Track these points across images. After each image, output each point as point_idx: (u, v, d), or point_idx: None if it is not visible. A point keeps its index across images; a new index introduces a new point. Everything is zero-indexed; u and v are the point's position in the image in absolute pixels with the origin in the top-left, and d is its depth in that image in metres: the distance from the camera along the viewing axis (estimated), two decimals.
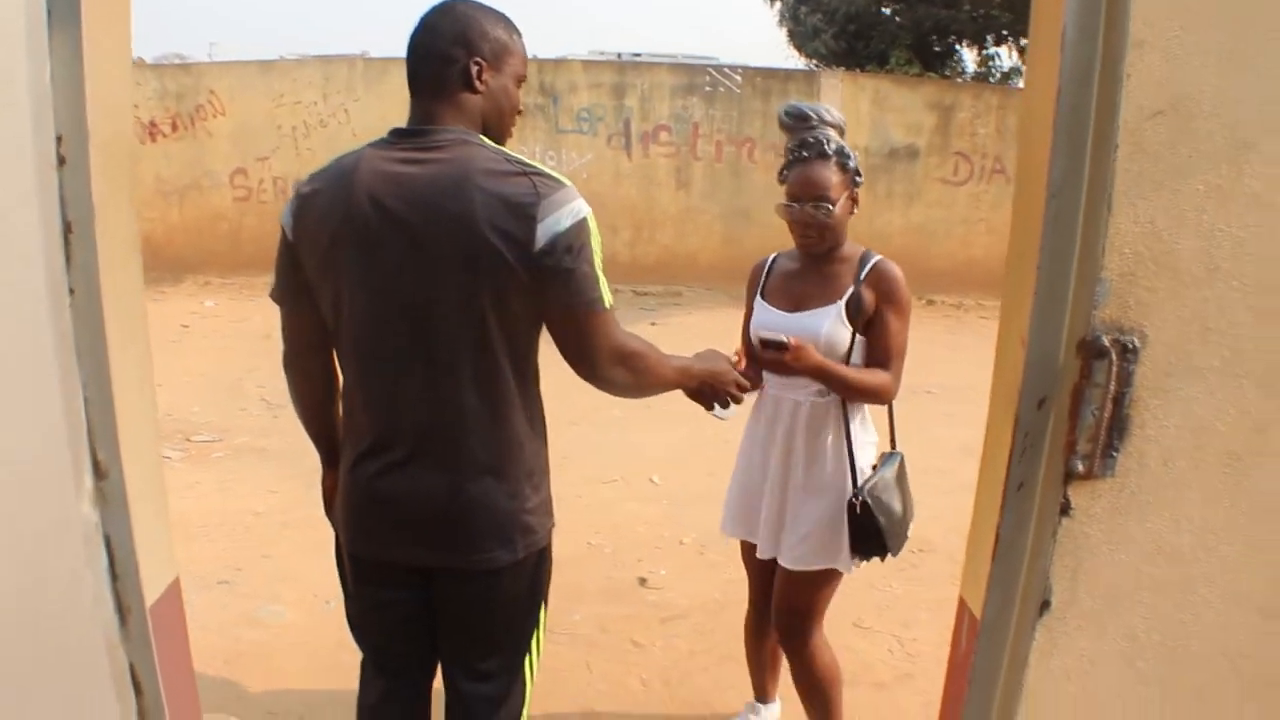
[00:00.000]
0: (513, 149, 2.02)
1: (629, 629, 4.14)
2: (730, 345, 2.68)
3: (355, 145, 2.07)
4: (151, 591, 1.24)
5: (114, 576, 1.19)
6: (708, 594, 4.39)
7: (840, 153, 2.71)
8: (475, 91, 2.01)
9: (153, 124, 11.13)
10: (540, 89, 11.32)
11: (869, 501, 2.70)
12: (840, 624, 4.15)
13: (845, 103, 11.19)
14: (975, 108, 11.28)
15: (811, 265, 2.84)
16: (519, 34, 2.11)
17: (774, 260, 3.03)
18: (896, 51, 16.60)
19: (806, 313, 2.78)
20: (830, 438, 2.81)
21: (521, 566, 2.11)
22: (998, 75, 18.81)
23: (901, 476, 2.89)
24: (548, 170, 1.95)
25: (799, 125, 2.76)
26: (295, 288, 2.09)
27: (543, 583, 2.21)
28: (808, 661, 2.99)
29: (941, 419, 7.08)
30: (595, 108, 11.31)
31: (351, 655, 2.44)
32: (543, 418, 2.14)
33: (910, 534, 2.92)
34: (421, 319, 1.95)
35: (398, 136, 2.00)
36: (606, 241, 1.99)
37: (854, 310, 2.71)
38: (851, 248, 2.80)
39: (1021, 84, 13.04)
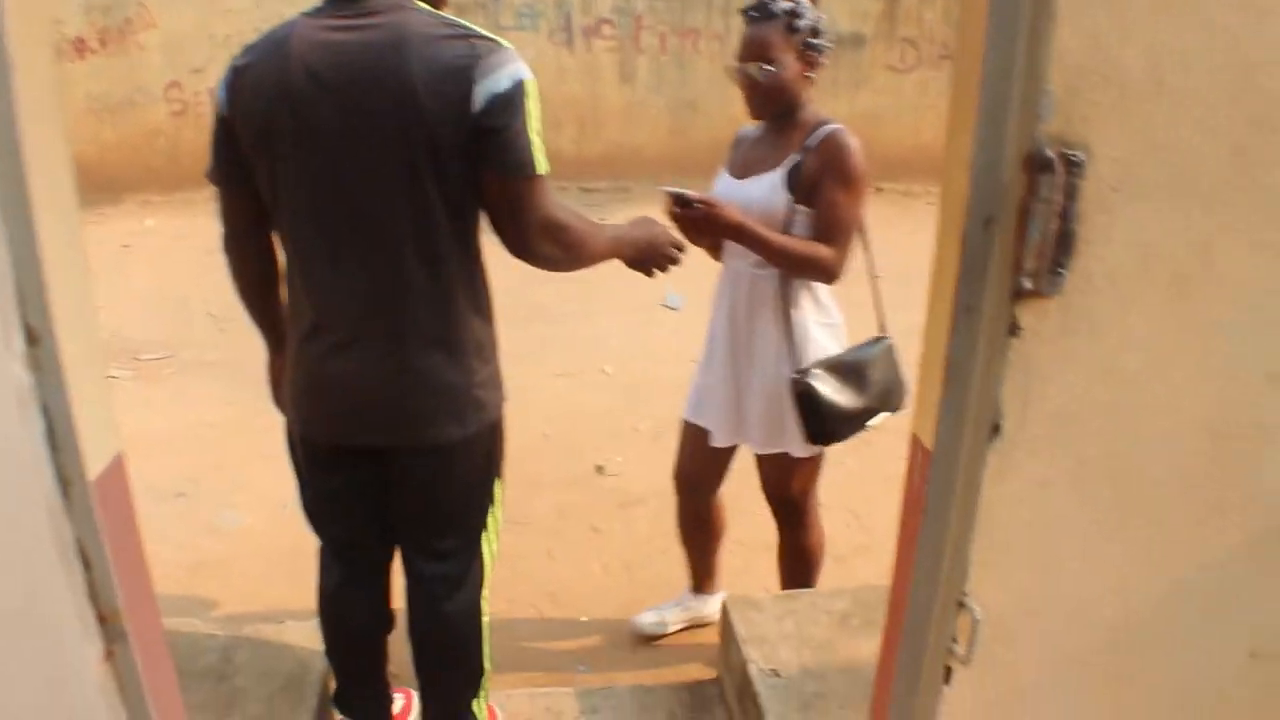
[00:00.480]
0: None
1: (588, 516, 4.18)
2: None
3: None
4: (94, 465, 1.21)
5: (53, 447, 1.16)
6: (664, 480, 4.36)
7: (790, 14, 2.60)
8: None
9: (80, 40, 10.69)
10: None
11: (805, 383, 2.62)
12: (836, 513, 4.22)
13: None
14: None
15: (768, 132, 2.77)
16: None
17: (746, 130, 2.94)
18: None
19: (750, 179, 2.71)
20: (769, 313, 2.73)
21: (473, 441, 2.09)
22: None
23: (877, 361, 2.79)
24: (487, 33, 1.90)
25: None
26: (232, 166, 2.03)
27: (496, 458, 2.20)
28: (801, 543, 3.03)
29: (894, 303, 7.11)
30: (536, 3, 10.99)
31: (309, 557, 2.44)
32: (488, 294, 2.10)
33: (905, 408, 2.81)
34: (361, 190, 1.90)
35: (332, 4, 1.93)
36: (551, 139, 1.95)
37: (794, 178, 2.62)
38: (811, 115, 2.70)
39: None
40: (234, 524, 4.19)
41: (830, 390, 2.64)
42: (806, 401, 2.62)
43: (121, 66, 10.81)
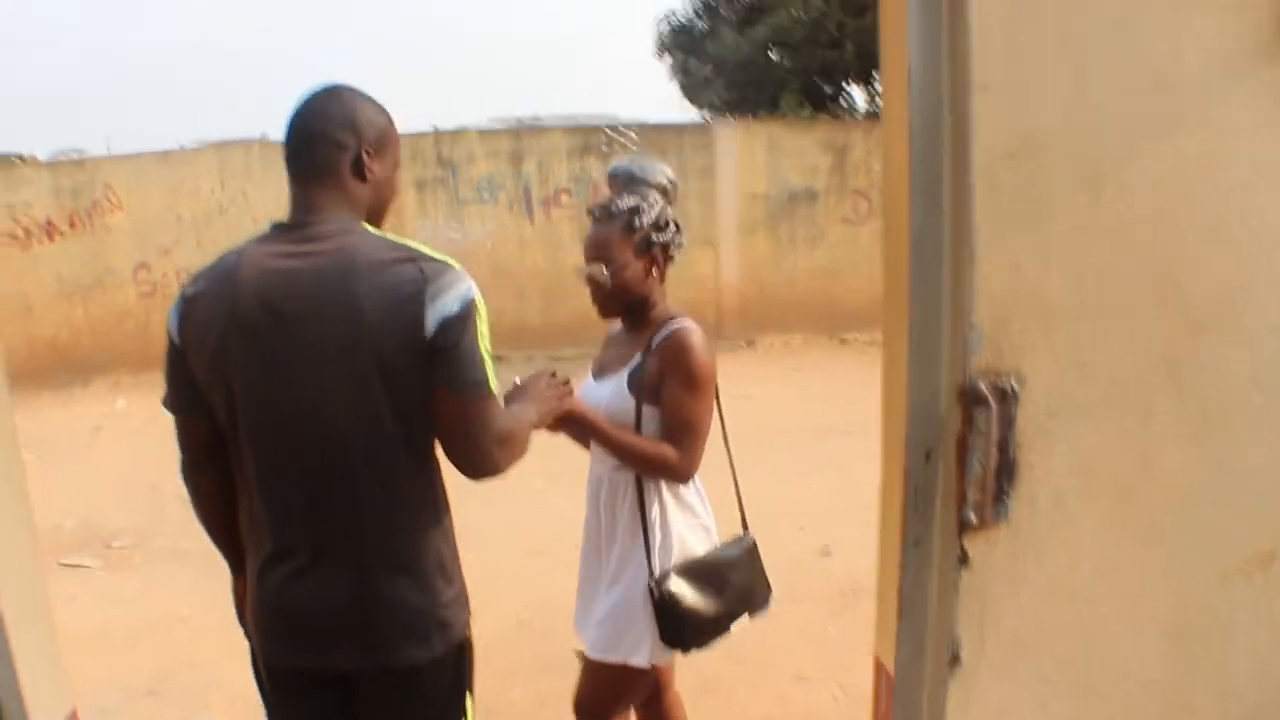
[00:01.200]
0: (416, 223, 2.00)
1: (568, 703, 4.07)
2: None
3: (258, 229, 2.05)
4: None
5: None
6: None
7: (631, 211, 2.57)
8: (364, 180, 1.99)
9: (49, 223, 10.81)
10: (438, 161, 11.31)
11: (664, 589, 2.51)
12: (779, 677, 4.14)
13: (741, 150, 11.35)
14: (869, 144, 11.47)
15: (625, 331, 2.76)
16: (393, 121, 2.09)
17: (613, 329, 2.89)
18: (787, 96, 16.84)
19: (602, 380, 2.71)
20: (626, 515, 2.63)
21: (441, 663, 2.05)
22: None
23: (738, 562, 2.70)
24: (432, 253, 1.92)
25: (622, 186, 2.66)
26: (187, 394, 2.02)
27: (465, 676, 2.16)
28: None
29: (861, 456, 7.03)
30: (495, 176, 11.31)
31: None
32: (447, 504, 2.09)
33: (768, 609, 2.81)
34: (314, 416, 1.90)
35: (279, 230, 1.95)
36: (516, 310, 1.98)
37: (635, 380, 2.58)
38: (661, 313, 2.66)
39: None
40: None
41: (690, 595, 2.54)
42: (664, 609, 2.52)
43: (90, 249, 10.93)
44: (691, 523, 2.66)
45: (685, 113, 19.80)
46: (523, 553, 5.72)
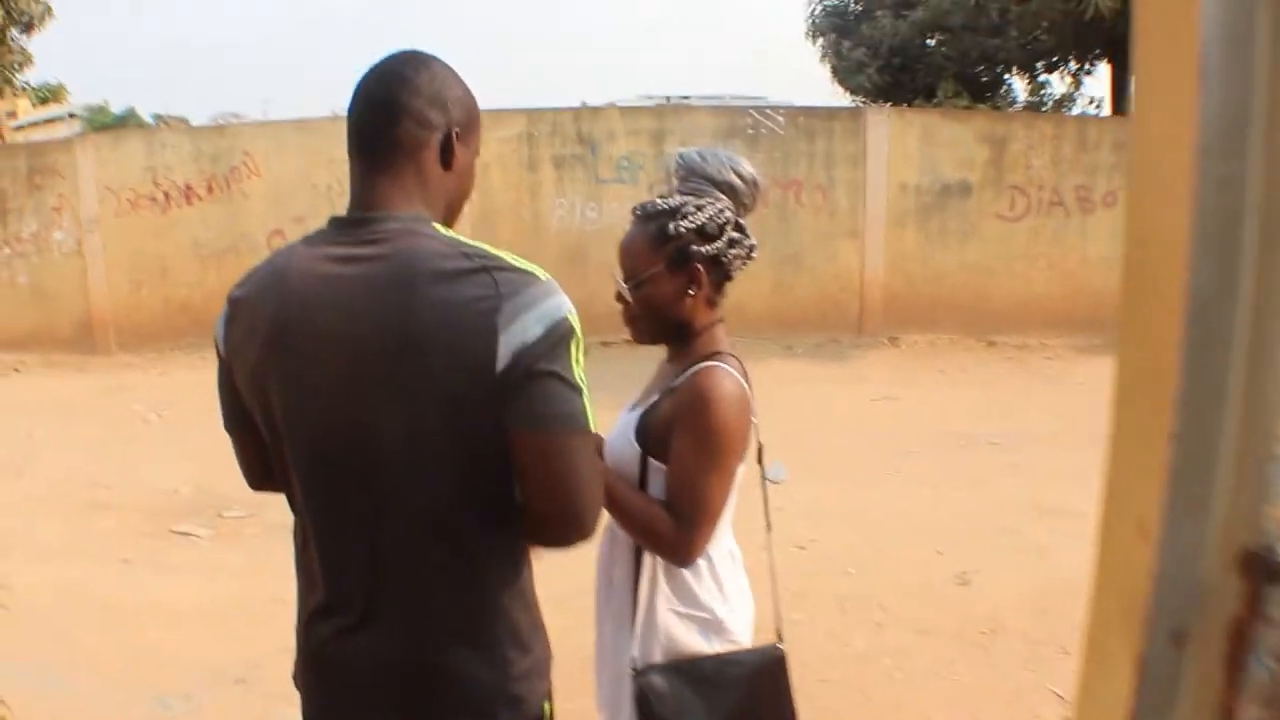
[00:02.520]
0: (554, 201, 1.63)
1: None
2: (775, 396, 2.24)
3: None
4: None
5: None
6: None
7: (669, 214, 2.08)
8: (449, 168, 1.65)
9: (188, 187, 11.01)
10: (578, 138, 11.07)
11: (642, 682, 2.06)
12: None
13: (893, 138, 10.81)
14: (1029, 138, 10.83)
15: (669, 356, 2.24)
16: None
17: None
18: (944, 83, 16.22)
19: (626, 412, 2.22)
20: (619, 581, 2.18)
21: None
22: (1050, 103, 18.35)
23: (747, 679, 2.13)
24: (514, 260, 1.56)
25: (685, 179, 2.15)
26: (237, 411, 1.73)
27: None
28: None
29: (1006, 471, 6.63)
30: (635, 155, 11.02)
31: None
32: (527, 563, 1.76)
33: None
34: (364, 454, 1.58)
35: (336, 227, 1.62)
36: None
37: (644, 426, 2.10)
38: (703, 345, 2.14)
39: (1077, 110, 12.43)
40: None
41: (670, 701, 2.06)
42: (642, 707, 2.07)
43: (227, 214, 11.09)
44: (687, 612, 2.12)
45: (836, 97, 19.27)
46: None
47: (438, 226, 1.61)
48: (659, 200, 2.11)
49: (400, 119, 1.59)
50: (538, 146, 11.04)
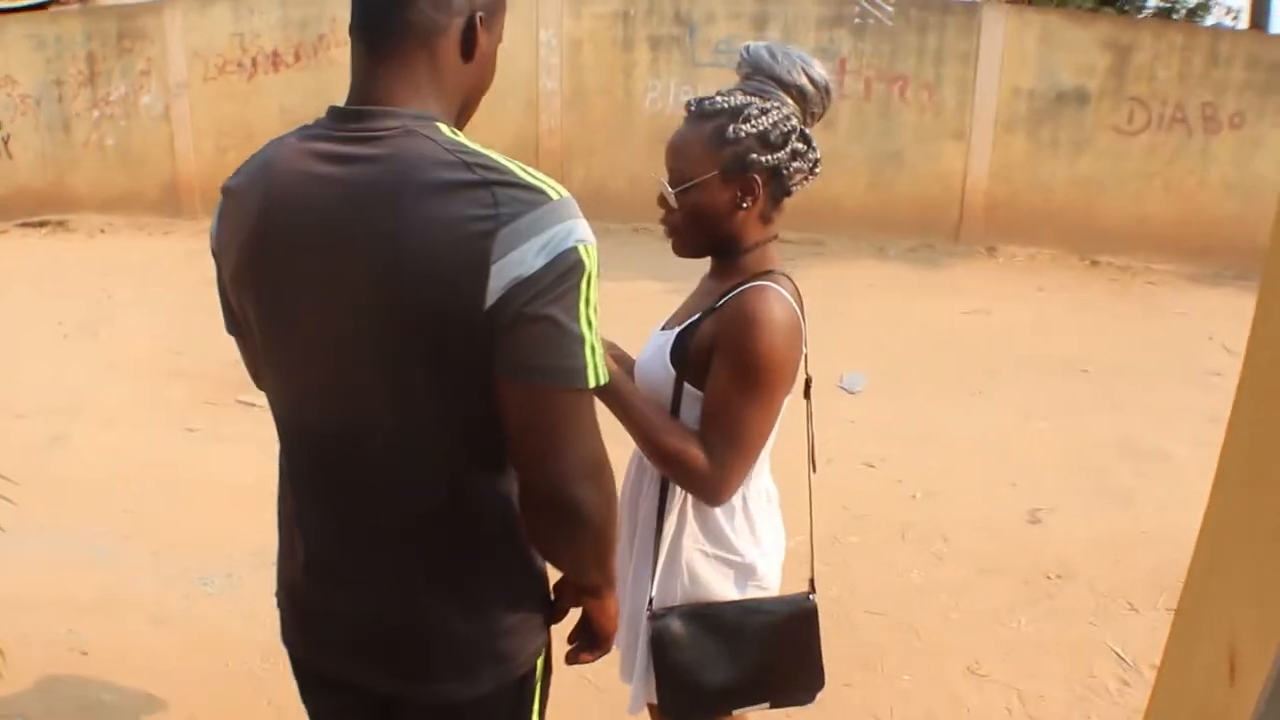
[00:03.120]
0: (648, 82, 1.37)
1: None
2: (862, 301, 1.99)
3: None
4: None
5: None
6: None
7: (731, 115, 1.85)
8: (470, 58, 1.42)
9: (275, 54, 10.91)
10: (675, 19, 10.63)
11: (659, 627, 1.94)
12: (951, 668, 3.54)
13: (1009, 37, 10.17)
14: (1155, 48, 10.06)
15: (710, 274, 2.04)
16: None
17: None
18: None
19: (659, 331, 2.05)
20: (643, 516, 2.03)
21: (489, 701, 1.55)
22: (1182, 11, 17.24)
23: (774, 629, 2.01)
24: (527, 175, 1.32)
25: (749, 77, 1.91)
26: (233, 315, 1.56)
27: (526, 714, 1.65)
28: None
29: (1096, 403, 6.27)
30: (734, 39, 10.50)
31: None
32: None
33: (811, 702, 2.13)
34: (342, 386, 1.40)
35: (334, 118, 1.39)
36: None
37: (683, 347, 1.91)
38: (754, 261, 1.94)
39: (1211, 21, 11.69)
40: None
41: (689, 650, 1.95)
42: (657, 652, 1.95)
43: (314, 81, 10.96)
44: (715, 553, 1.99)
45: None
46: None
47: (445, 128, 1.37)
48: (719, 97, 1.88)
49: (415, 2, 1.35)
50: (633, 25, 10.65)
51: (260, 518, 4.44)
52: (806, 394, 2.08)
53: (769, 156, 1.85)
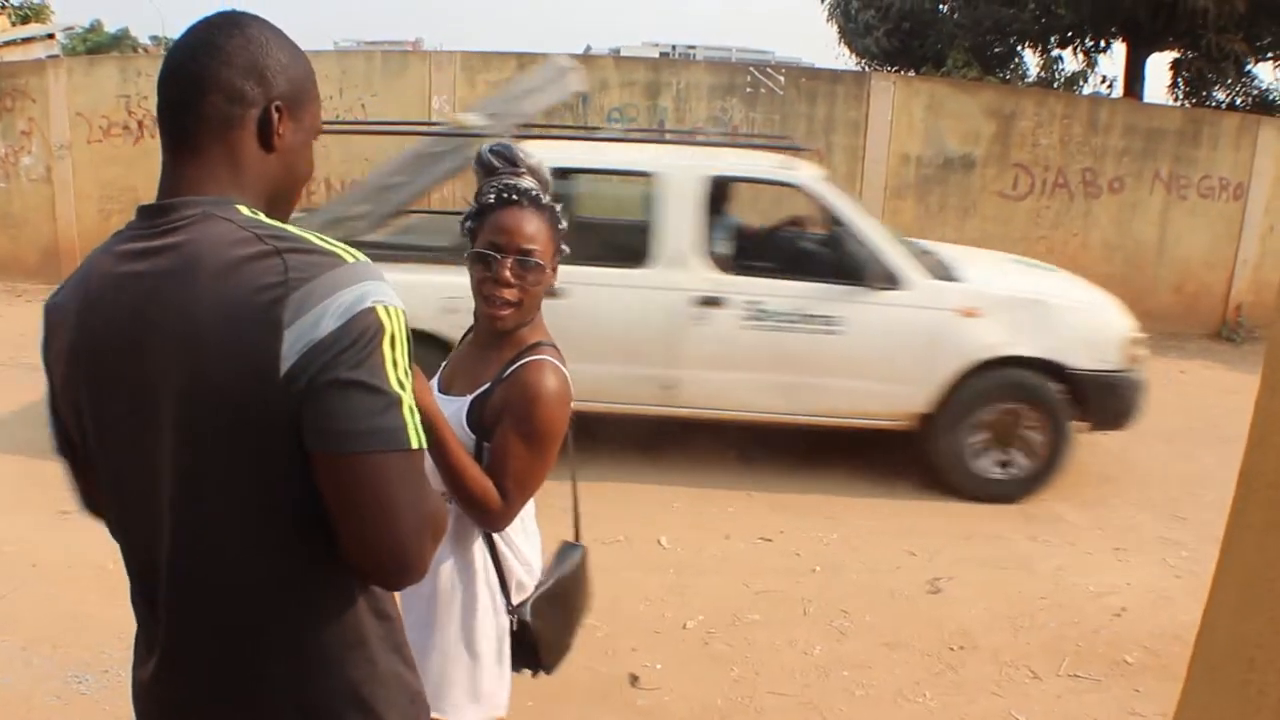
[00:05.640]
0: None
1: None
2: None
3: (372, 144, 1.44)
4: None
5: None
6: (709, 698, 3.73)
7: (553, 206, 2.18)
8: (271, 149, 1.39)
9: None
10: None
11: (520, 617, 2.27)
12: None
13: (898, 107, 10.43)
14: (1038, 115, 10.44)
15: (479, 347, 2.28)
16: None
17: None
18: (954, 53, 15.81)
19: (448, 396, 2.23)
20: (476, 558, 2.26)
21: None
22: (1061, 80, 17.93)
23: (579, 575, 2.45)
24: (320, 242, 1.30)
25: (504, 168, 2.17)
26: (64, 434, 1.48)
27: None
28: None
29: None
30: (627, 107, 10.61)
31: None
32: (376, 606, 1.45)
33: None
34: (158, 490, 1.33)
35: (140, 218, 1.36)
36: None
37: (478, 411, 2.15)
38: (530, 335, 2.21)
39: (1088, 90, 12.12)
40: (77, 691, 3.59)
41: (545, 622, 2.31)
42: (519, 636, 2.29)
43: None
44: (523, 562, 2.33)
45: (841, 60, 18.86)
46: (599, 538, 5.06)
47: (244, 208, 1.33)
48: (531, 188, 2.16)
49: (207, 92, 1.34)
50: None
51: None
52: (564, 445, 2.28)
53: (564, 249, 2.22)
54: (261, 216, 1.34)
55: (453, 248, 5.52)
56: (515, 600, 2.27)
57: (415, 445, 1.28)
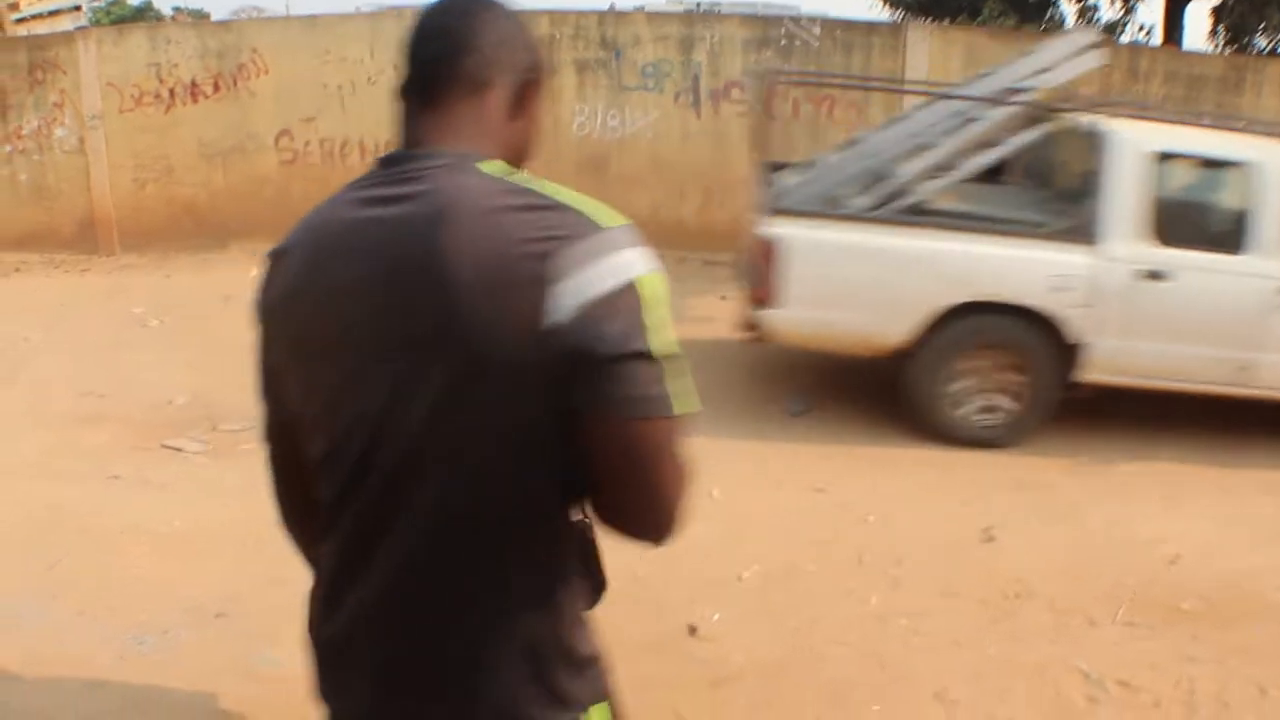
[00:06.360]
0: (574, 107, 1.38)
1: (672, 695, 3.49)
2: None
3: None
4: None
5: None
6: (767, 649, 3.72)
7: None
8: (516, 118, 1.43)
9: (194, 84, 10.60)
10: (601, 43, 10.54)
11: None
12: (919, 694, 3.49)
13: (934, 58, 10.25)
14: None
15: None
16: None
17: None
18: (989, 2, 15.55)
19: None
20: None
21: None
22: (1099, 29, 17.65)
23: None
24: (578, 201, 1.29)
25: None
26: (276, 406, 1.50)
27: None
28: None
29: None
30: (661, 63, 10.47)
31: None
32: (595, 581, 1.50)
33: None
34: (396, 449, 1.31)
35: (381, 165, 1.38)
36: (674, 207, 1.35)
37: None
38: None
39: (1126, 39, 11.90)
40: (271, 666, 3.60)
41: None
42: None
43: (233, 112, 10.71)
44: None
45: (875, 11, 18.60)
46: None
47: (487, 164, 1.34)
48: None
49: (468, 52, 1.38)
50: (560, 50, 10.51)
51: (192, 568, 4.32)
52: None
53: None
54: (512, 172, 1.34)
55: (1067, 227, 5.81)
56: None
57: (684, 409, 1.30)
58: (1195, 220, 5.99)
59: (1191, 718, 3.43)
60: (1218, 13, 16.16)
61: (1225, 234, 5.82)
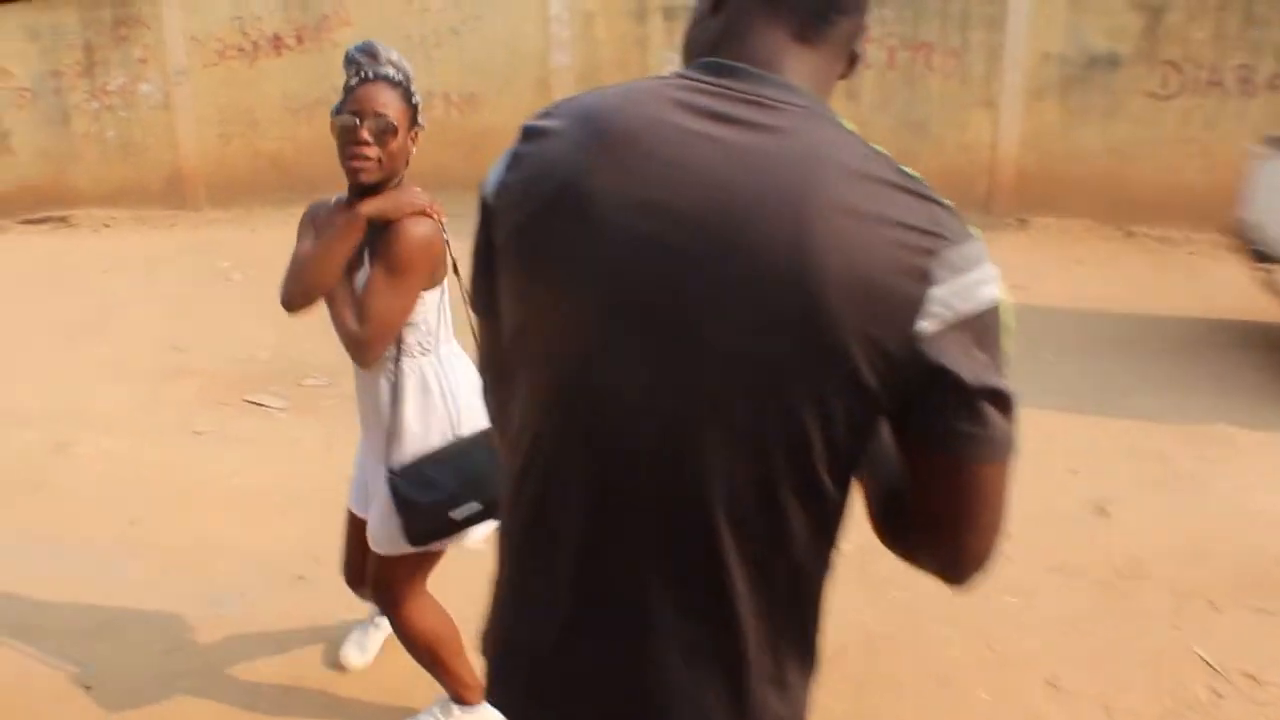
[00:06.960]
0: (662, 54, 1.20)
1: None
2: None
3: (489, 55, 1.23)
4: None
5: None
6: (869, 624, 3.53)
7: (407, 83, 2.58)
8: (844, 77, 1.28)
9: (277, 37, 10.61)
10: None
11: (392, 484, 2.61)
12: (1029, 680, 3.26)
13: (1037, 2, 9.80)
14: (1189, 8, 9.63)
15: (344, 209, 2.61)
16: None
17: (334, 201, 2.74)
18: None
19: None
20: (382, 386, 2.68)
21: None
22: None
23: (479, 447, 2.67)
24: (940, 196, 1.12)
25: (368, 62, 2.57)
26: (486, 288, 1.27)
27: None
28: (402, 630, 2.85)
29: (1145, 381, 5.94)
30: None
31: None
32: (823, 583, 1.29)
33: None
34: (670, 422, 1.11)
35: (712, 71, 1.15)
36: None
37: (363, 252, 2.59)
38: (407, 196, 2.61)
39: None
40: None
41: (416, 485, 2.62)
42: (395, 497, 2.61)
43: (317, 65, 10.65)
44: (427, 420, 2.70)
45: None
46: None
47: (842, 120, 1.15)
48: (392, 69, 2.56)
49: (850, 13, 1.23)
50: None
51: (272, 528, 4.24)
52: (455, 271, 2.54)
53: (420, 120, 2.62)
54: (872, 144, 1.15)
55: None
56: (394, 458, 2.65)
57: (1012, 454, 1.15)
58: None
59: None
60: None
61: None
